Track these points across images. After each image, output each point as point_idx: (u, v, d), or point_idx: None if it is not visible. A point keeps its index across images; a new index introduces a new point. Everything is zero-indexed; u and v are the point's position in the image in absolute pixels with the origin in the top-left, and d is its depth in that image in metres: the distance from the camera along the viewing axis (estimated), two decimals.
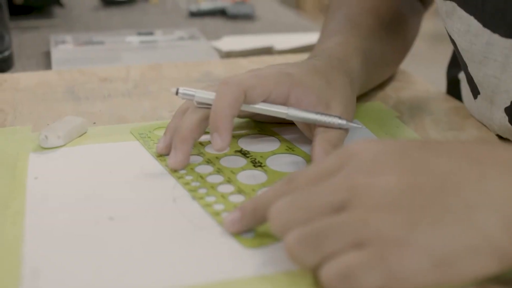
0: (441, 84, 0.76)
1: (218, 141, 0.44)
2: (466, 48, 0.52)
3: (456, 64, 0.70)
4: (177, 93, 0.47)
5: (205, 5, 1.02)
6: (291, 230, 0.33)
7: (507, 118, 0.51)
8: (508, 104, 0.50)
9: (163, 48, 0.81)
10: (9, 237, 0.38)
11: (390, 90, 0.65)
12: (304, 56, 0.58)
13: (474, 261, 0.30)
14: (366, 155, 0.34)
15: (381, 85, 0.66)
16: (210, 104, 0.46)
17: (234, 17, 1.00)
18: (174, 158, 0.46)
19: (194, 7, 1.02)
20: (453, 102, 0.63)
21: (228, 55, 0.80)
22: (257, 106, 0.47)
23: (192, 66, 0.72)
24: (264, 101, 0.48)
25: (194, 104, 0.47)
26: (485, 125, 0.56)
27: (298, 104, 0.48)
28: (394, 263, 0.30)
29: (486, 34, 0.49)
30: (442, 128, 0.57)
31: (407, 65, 0.71)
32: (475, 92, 0.55)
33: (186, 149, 0.46)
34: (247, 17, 1.00)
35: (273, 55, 0.80)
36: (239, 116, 0.54)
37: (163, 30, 0.88)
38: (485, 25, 0.49)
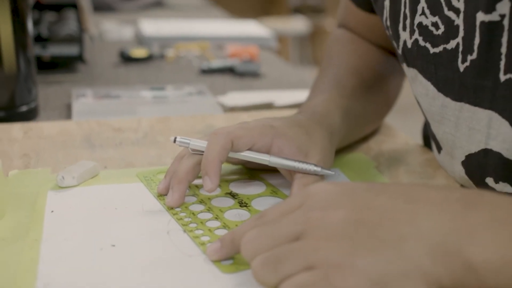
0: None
1: (208, 183, 0.52)
2: (427, 109, 0.60)
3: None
4: (174, 141, 0.55)
5: (215, 63, 1.11)
6: (258, 256, 0.40)
7: (463, 170, 0.58)
8: (463, 158, 0.57)
9: (173, 102, 0.89)
10: (27, 258, 0.45)
11: (372, 143, 0.73)
12: None
13: (405, 283, 0.37)
14: (321, 194, 0.41)
15: (365, 138, 0.73)
16: (203, 151, 0.54)
17: (242, 74, 1.09)
18: (171, 197, 0.53)
19: (205, 65, 1.11)
20: (429, 154, 0.70)
21: (232, 109, 0.88)
22: (243, 154, 0.55)
23: (197, 119, 0.80)
24: (250, 149, 0.55)
25: (189, 151, 0.55)
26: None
27: (280, 153, 0.55)
28: (338, 283, 0.37)
29: (441, 98, 0.57)
30: (414, 177, 0.64)
31: (401, 115, 0.78)
32: (439, 147, 0.62)
33: (182, 189, 0.53)
34: (253, 74, 1.09)
35: (272, 110, 0.88)
36: (232, 163, 0.61)
37: (174, 86, 0.96)
38: (439, 90, 0.57)
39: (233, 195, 0.57)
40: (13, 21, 0.77)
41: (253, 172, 0.62)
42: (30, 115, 0.81)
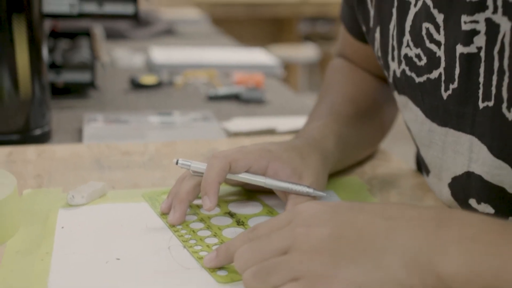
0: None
1: (207, 202, 0.56)
2: (416, 134, 0.64)
3: None
4: (177, 163, 0.59)
5: (222, 90, 1.16)
6: (249, 268, 0.44)
7: (450, 192, 0.61)
8: (450, 180, 0.61)
9: (179, 128, 0.93)
10: (38, 270, 0.49)
11: (367, 167, 0.76)
12: None
13: None
14: (307, 212, 0.45)
15: (360, 162, 0.77)
16: (203, 173, 0.58)
17: (246, 101, 1.13)
18: (173, 216, 0.57)
19: (212, 92, 1.15)
20: (420, 178, 0.74)
21: (235, 135, 0.92)
22: (240, 176, 0.59)
23: (201, 144, 0.84)
24: (247, 172, 0.59)
25: (190, 173, 0.59)
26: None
27: (276, 175, 0.59)
28: None
29: (428, 123, 0.61)
30: (405, 200, 0.68)
31: (398, 140, 0.82)
32: (427, 171, 0.65)
33: (183, 208, 0.57)
34: (258, 101, 1.13)
35: (274, 135, 0.92)
36: (231, 185, 0.65)
37: (181, 112, 1.01)
38: (427, 116, 0.61)
39: (231, 215, 0.60)
40: (30, 49, 0.82)
41: (251, 193, 0.65)
42: (43, 138, 0.85)
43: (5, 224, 0.54)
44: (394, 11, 0.62)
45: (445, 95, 0.57)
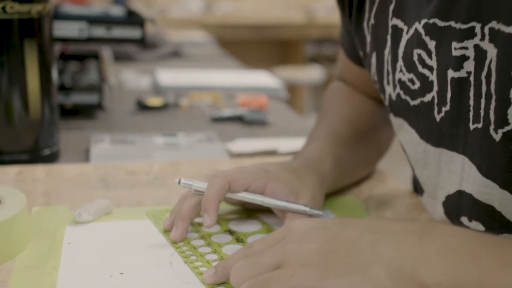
0: None
1: (207, 219, 0.58)
2: (412, 154, 0.66)
3: None
4: (179, 182, 0.62)
5: (226, 112, 1.19)
6: (244, 282, 0.46)
7: (443, 210, 0.64)
8: (444, 199, 0.63)
9: (184, 148, 0.96)
10: (46, 283, 0.52)
11: (364, 187, 0.79)
12: None
13: None
14: (299, 229, 0.48)
15: (357, 183, 0.80)
16: (203, 192, 0.61)
17: (250, 123, 1.16)
18: (175, 232, 0.60)
19: (216, 114, 1.18)
20: (416, 198, 0.76)
21: (237, 156, 0.94)
22: (239, 194, 0.61)
23: (204, 164, 0.86)
24: (246, 190, 0.62)
25: (192, 192, 0.62)
26: None
27: (273, 194, 0.62)
28: None
29: (423, 144, 0.63)
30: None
31: (397, 160, 0.84)
32: (421, 191, 0.68)
33: (184, 226, 0.60)
34: (261, 123, 1.16)
35: (275, 156, 0.95)
36: (231, 204, 0.68)
37: (185, 133, 1.04)
38: (421, 137, 0.63)
39: (231, 232, 0.63)
40: (40, 71, 0.85)
41: (251, 211, 0.68)
42: (52, 158, 0.88)
43: (15, 240, 0.57)
44: (389, 37, 0.65)
45: (438, 117, 0.60)
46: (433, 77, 0.59)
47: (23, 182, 0.77)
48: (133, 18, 1.12)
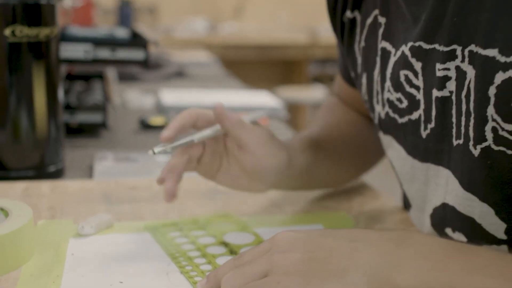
0: None
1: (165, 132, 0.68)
2: (400, 170, 0.70)
3: None
4: (153, 153, 0.67)
5: None
6: None
7: (430, 222, 0.67)
8: (431, 211, 0.67)
9: None
10: None
11: (355, 203, 0.82)
12: None
13: None
14: (284, 240, 0.52)
15: (349, 199, 0.83)
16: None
17: None
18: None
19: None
20: (405, 214, 0.79)
21: None
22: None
23: (202, 181, 0.90)
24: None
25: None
26: None
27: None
28: None
29: (410, 160, 0.67)
30: None
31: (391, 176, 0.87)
32: (408, 205, 0.71)
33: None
34: None
35: None
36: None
37: None
38: (409, 153, 0.67)
39: (225, 244, 0.66)
40: (47, 91, 0.89)
41: (245, 225, 0.71)
42: (57, 174, 0.92)
43: (21, 250, 0.61)
44: (378, 59, 0.69)
45: (424, 134, 0.63)
46: (419, 96, 0.63)
47: (29, 197, 0.81)
48: (136, 40, 1.16)
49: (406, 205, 0.73)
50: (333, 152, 0.80)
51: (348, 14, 0.74)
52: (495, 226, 0.59)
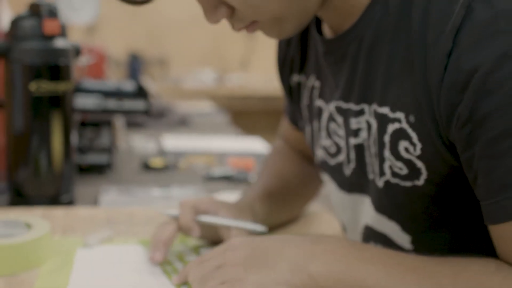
0: None
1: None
2: (334, 202, 0.88)
3: None
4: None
5: (217, 172, 1.41)
6: (196, 282, 0.68)
7: (361, 239, 0.84)
8: (362, 230, 0.84)
9: (176, 198, 1.18)
10: (62, 282, 0.74)
11: (302, 226, 1.00)
12: None
13: None
14: (236, 242, 0.70)
15: (298, 222, 1.01)
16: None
17: (236, 181, 1.38)
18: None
19: (208, 173, 1.40)
20: (345, 233, 0.97)
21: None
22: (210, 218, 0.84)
23: None
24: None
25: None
26: None
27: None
28: None
29: (341, 193, 0.85)
30: None
31: None
32: (345, 229, 0.89)
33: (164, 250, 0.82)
34: (245, 181, 1.38)
35: None
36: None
37: (179, 186, 1.26)
38: (339, 187, 0.85)
39: (198, 253, 0.84)
40: (63, 136, 1.08)
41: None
42: (69, 203, 1.11)
43: (40, 254, 0.79)
44: (315, 113, 0.88)
45: (348, 173, 0.82)
46: (342, 143, 0.81)
47: (46, 219, 0.99)
48: (139, 92, 1.36)
49: (343, 228, 0.91)
50: (283, 200, 0.97)
51: (295, 77, 0.93)
52: (402, 239, 0.77)
